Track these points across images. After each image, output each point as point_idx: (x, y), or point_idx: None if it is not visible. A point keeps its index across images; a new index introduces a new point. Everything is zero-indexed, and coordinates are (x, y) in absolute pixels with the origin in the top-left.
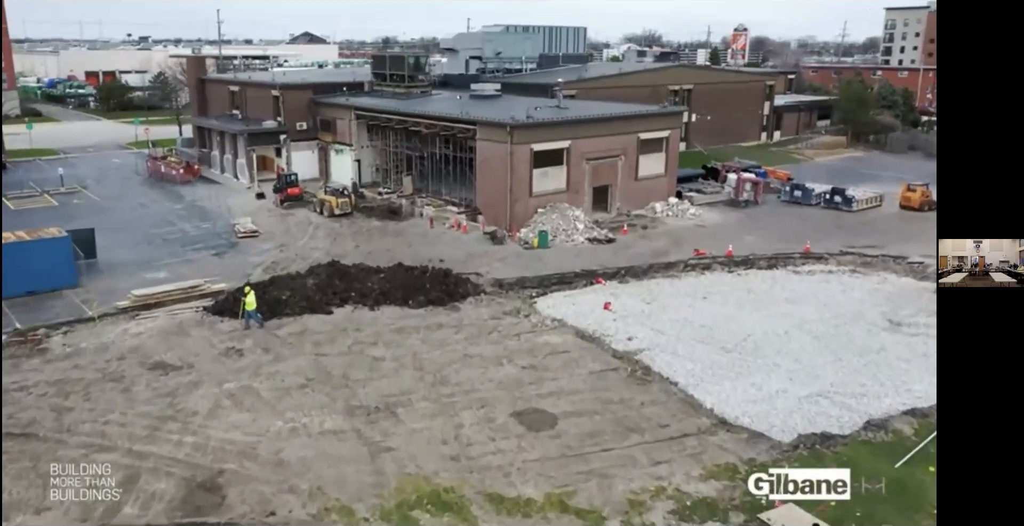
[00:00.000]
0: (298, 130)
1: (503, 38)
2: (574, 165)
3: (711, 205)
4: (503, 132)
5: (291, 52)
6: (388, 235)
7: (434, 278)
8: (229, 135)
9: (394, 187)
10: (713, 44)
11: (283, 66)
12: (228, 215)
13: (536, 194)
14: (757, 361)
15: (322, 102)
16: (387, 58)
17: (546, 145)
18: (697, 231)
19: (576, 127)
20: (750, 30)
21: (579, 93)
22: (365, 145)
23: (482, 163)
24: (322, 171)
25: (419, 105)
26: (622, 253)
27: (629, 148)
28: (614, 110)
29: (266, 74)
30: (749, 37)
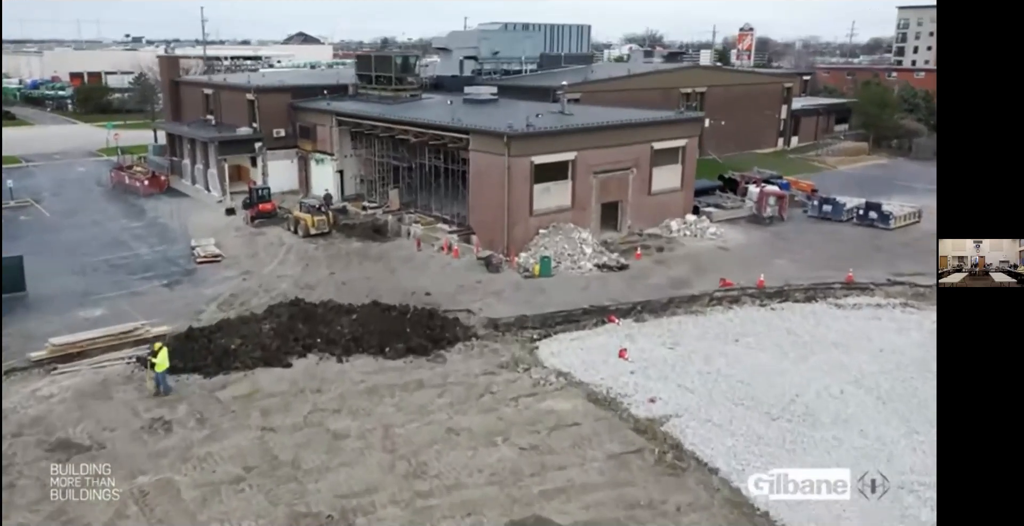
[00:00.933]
0: (275, 137)
1: (500, 37)
2: (580, 179)
3: (732, 222)
4: (499, 142)
5: (284, 52)
6: (369, 259)
7: (416, 320)
8: (199, 143)
9: (379, 201)
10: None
11: (274, 67)
12: (190, 235)
13: (537, 213)
14: (812, 433)
15: (301, 107)
16: (372, 58)
17: (548, 157)
18: (719, 254)
19: (582, 136)
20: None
21: (584, 97)
22: (348, 154)
23: (476, 177)
24: (302, 182)
25: (407, 111)
26: (637, 283)
27: (641, 159)
28: (624, 117)
29: (241, 76)
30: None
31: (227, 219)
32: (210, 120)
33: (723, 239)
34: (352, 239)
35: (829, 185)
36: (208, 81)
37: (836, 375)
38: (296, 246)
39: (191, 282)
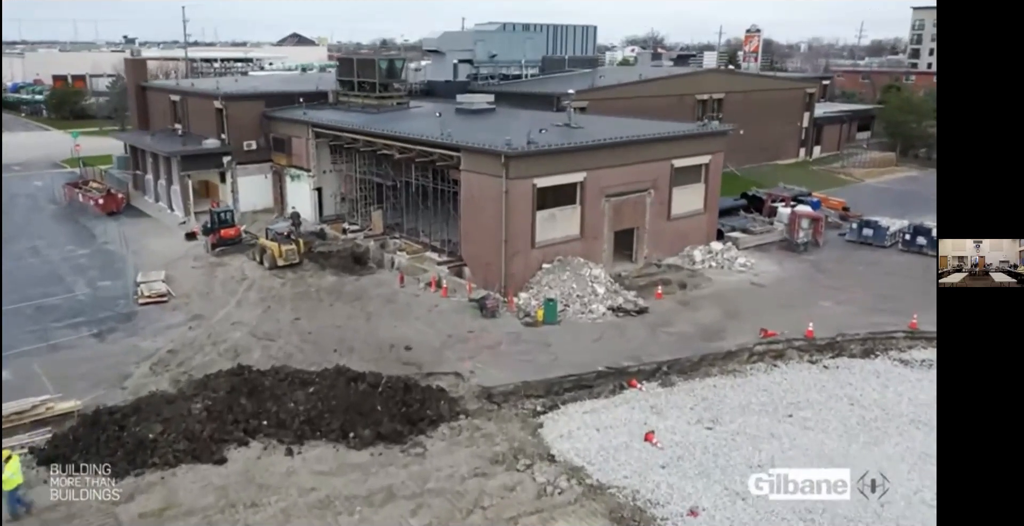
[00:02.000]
0: (246, 150)
1: (498, 38)
2: (590, 204)
3: (762, 249)
4: (495, 162)
5: (276, 54)
6: (343, 299)
7: (390, 394)
8: (161, 157)
9: (361, 223)
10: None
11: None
12: (139, 266)
13: (540, 244)
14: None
15: (275, 117)
16: (354, 62)
17: (553, 179)
18: (753, 292)
19: (593, 154)
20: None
21: (591, 105)
22: (328, 170)
23: (468, 202)
24: (277, 200)
25: (391, 122)
26: (659, 332)
27: (660, 179)
28: (640, 130)
29: (210, 82)
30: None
31: (186, 245)
32: (178, 130)
33: (754, 271)
34: (326, 271)
35: (860, 202)
36: (175, 87)
37: (925, 470)
38: (259, 281)
39: (127, 331)
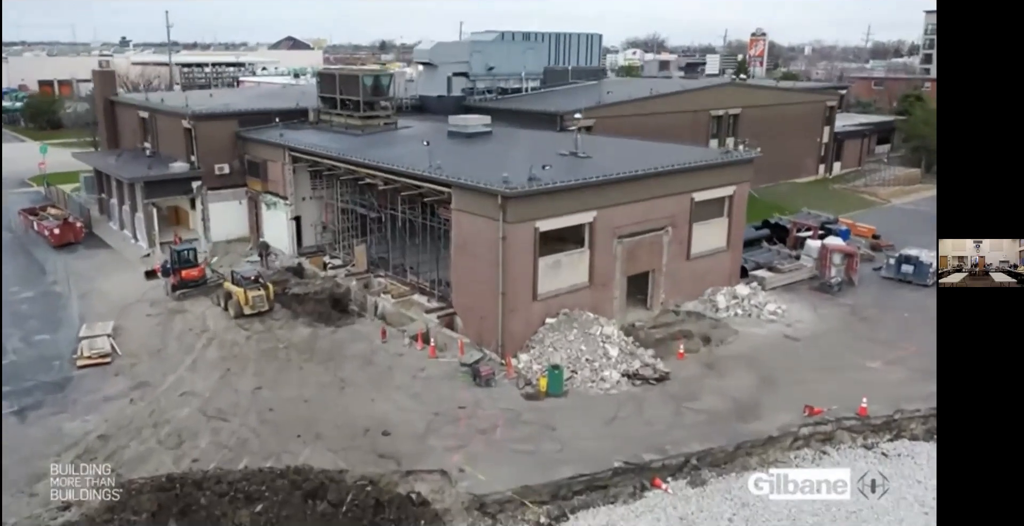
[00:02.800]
0: (218, 174)
1: (496, 49)
2: (600, 247)
3: (791, 290)
4: (491, 203)
5: (269, 59)
6: (316, 359)
7: (357, 515)
8: (126, 182)
9: (344, 257)
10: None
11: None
12: (88, 314)
13: (543, 296)
14: None
15: (250, 138)
16: (336, 78)
17: (558, 221)
18: (788, 350)
19: (604, 190)
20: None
21: (598, 123)
22: (307, 196)
23: (460, 246)
24: (252, 227)
25: (375, 148)
26: (684, 408)
27: (679, 215)
28: (655, 158)
29: (179, 98)
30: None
31: (144, 286)
32: (147, 149)
33: (786, 320)
34: (299, 320)
35: (890, 228)
36: (143, 102)
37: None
38: (222, 334)
39: (55, 405)
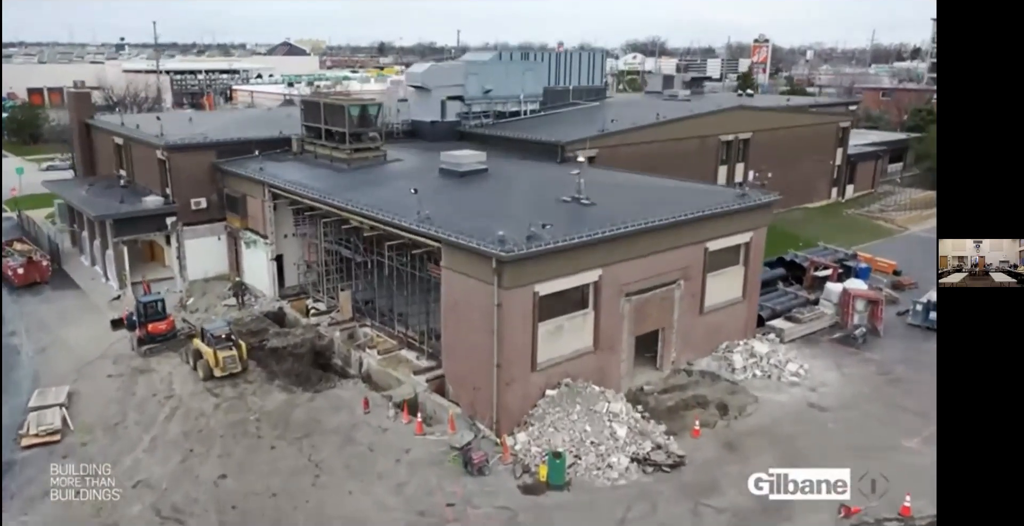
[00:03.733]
0: (194, 209)
1: (493, 71)
2: (606, 307)
3: (811, 342)
4: (485, 266)
5: (264, 65)
6: (290, 434)
7: None
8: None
9: (328, 301)
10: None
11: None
12: (43, 373)
13: (544, 365)
14: None
15: (228, 171)
16: (321, 107)
17: (560, 283)
18: (814, 423)
19: (610, 246)
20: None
21: (603, 152)
22: (289, 233)
23: (451, 308)
24: (232, 265)
25: (360, 187)
26: (704, 504)
27: (692, 267)
28: (665, 203)
29: (153, 125)
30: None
31: (110, 338)
32: (122, 177)
33: (809, 382)
34: (275, 383)
35: (910, 261)
36: (118, 128)
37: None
38: (188, 401)
39: None
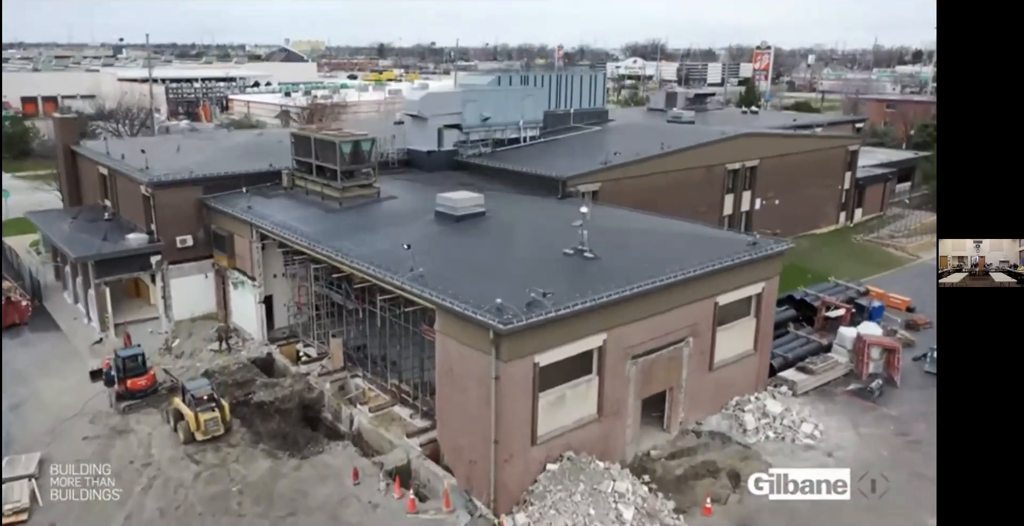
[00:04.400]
0: (180, 247)
1: (492, 98)
2: (611, 372)
3: (825, 395)
4: (483, 337)
5: (262, 72)
6: (273, 512)
7: None
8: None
9: (318, 346)
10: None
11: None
12: (12, 440)
13: (544, 437)
14: None
15: (214, 207)
16: (312, 142)
17: (562, 351)
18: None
19: (615, 308)
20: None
21: (605, 187)
22: (279, 273)
23: (446, 374)
24: (220, 303)
25: (351, 232)
26: None
27: (702, 323)
28: (672, 252)
29: (138, 158)
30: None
31: (88, 391)
32: (107, 209)
33: (825, 445)
34: (260, 447)
35: (924, 294)
36: (103, 157)
37: None
38: (166, 469)
39: None
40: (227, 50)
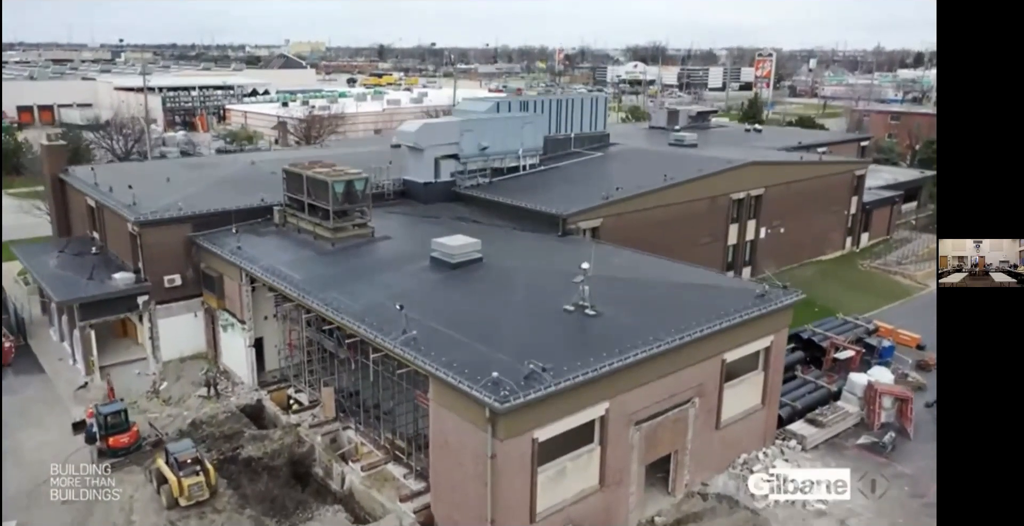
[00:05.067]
0: (168, 286)
1: (490, 126)
2: (614, 440)
3: (835, 449)
4: (478, 412)
5: (259, 80)
6: None
7: None
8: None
9: (310, 392)
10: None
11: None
12: None
13: (543, 515)
14: None
15: (203, 247)
16: (304, 179)
17: (563, 424)
18: None
19: (619, 375)
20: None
21: (607, 223)
22: (271, 315)
23: (440, 446)
24: (210, 343)
25: (343, 281)
26: None
27: (708, 383)
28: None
29: (125, 194)
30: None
31: (70, 444)
32: (95, 241)
33: (839, 512)
34: (247, 512)
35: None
36: (91, 188)
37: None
38: None
39: None
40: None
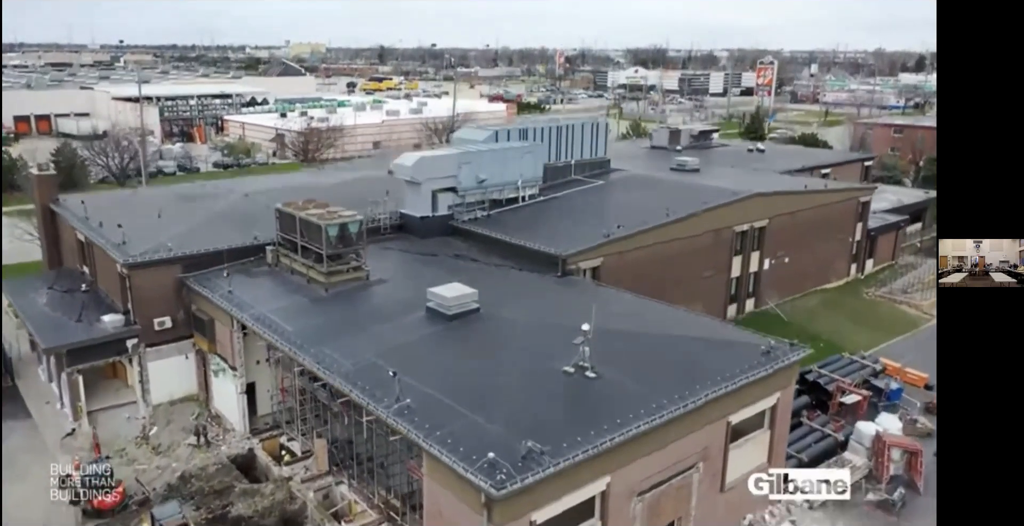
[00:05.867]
0: (158, 329)
1: (488, 159)
2: (615, 514)
3: (844, 506)
4: (473, 496)
5: (258, 88)
6: None
7: None
8: None
9: (303, 441)
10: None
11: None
12: None
13: None
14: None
15: (194, 289)
16: (297, 221)
17: (562, 503)
18: None
19: (620, 448)
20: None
21: (607, 262)
22: (261, 360)
23: (434, 518)
24: (201, 385)
25: (335, 333)
26: None
27: (712, 446)
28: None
29: (115, 233)
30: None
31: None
32: (85, 277)
33: None
34: None
35: None
36: (81, 221)
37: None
38: None
39: None
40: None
